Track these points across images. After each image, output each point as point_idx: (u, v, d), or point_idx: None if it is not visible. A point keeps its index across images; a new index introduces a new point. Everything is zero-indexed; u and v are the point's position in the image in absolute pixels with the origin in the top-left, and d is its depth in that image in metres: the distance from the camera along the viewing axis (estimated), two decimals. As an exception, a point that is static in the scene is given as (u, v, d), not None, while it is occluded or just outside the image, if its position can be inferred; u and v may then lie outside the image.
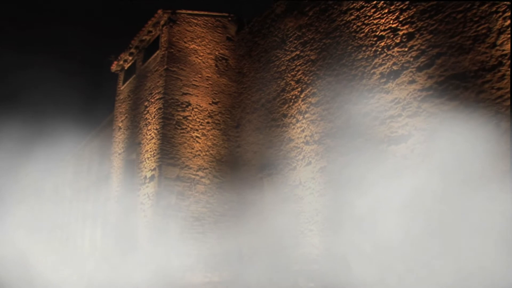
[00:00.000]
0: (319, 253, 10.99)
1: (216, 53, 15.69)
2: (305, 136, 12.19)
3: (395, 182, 9.25)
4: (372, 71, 10.46)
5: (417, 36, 9.51)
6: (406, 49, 9.70)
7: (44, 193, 34.54)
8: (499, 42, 7.96)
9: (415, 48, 9.50)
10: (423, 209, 8.61)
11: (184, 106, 14.46)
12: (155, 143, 14.04)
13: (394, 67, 9.90)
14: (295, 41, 13.23)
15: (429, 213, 8.50)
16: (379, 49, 10.37)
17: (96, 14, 61.89)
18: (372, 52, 10.56)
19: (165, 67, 14.45)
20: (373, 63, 10.46)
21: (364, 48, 10.81)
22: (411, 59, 9.54)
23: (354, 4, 11.34)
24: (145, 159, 14.50)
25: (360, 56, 10.86)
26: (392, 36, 10.11)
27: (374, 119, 10.17)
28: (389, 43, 10.16)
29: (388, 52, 10.13)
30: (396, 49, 9.95)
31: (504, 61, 7.83)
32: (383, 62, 10.21)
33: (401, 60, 9.77)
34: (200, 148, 14.42)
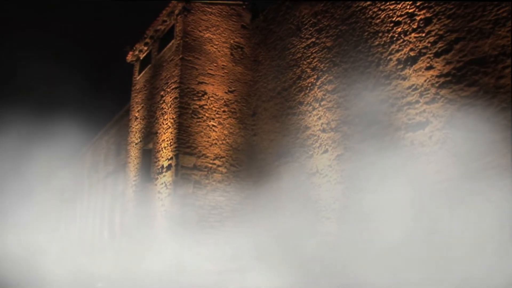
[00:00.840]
0: (336, 241, 10.99)
1: (231, 41, 15.65)
2: (322, 123, 12.15)
3: (412, 169, 9.19)
4: (388, 58, 10.34)
5: (434, 21, 9.37)
6: (424, 35, 9.56)
7: (60, 186, 34.83)
8: (519, 25, 7.81)
9: (433, 33, 9.36)
10: (438, 198, 8.54)
11: (200, 95, 14.49)
12: (171, 133, 14.12)
13: (411, 53, 9.77)
14: (311, 28, 13.13)
15: (444, 203, 8.42)
16: (396, 35, 10.24)
17: (106, 5, 62.01)
18: (388, 38, 10.43)
19: (181, 56, 14.47)
20: (390, 49, 10.34)
21: (380, 34, 10.69)
22: (429, 45, 9.40)
23: (370, -10, 11.19)
24: (162, 148, 14.59)
25: (377, 42, 10.74)
26: (409, 21, 9.97)
27: (391, 106, 10.08)
28: (406, 29, 10.02)
29: (405, 38, 9.99)
30: (413, 34, 9.82)
31: (525, 45, 7.69)
32: (400, 48, 10.08)
33: (418, 45, 9.64)
34: (216, 137, 14.46)
